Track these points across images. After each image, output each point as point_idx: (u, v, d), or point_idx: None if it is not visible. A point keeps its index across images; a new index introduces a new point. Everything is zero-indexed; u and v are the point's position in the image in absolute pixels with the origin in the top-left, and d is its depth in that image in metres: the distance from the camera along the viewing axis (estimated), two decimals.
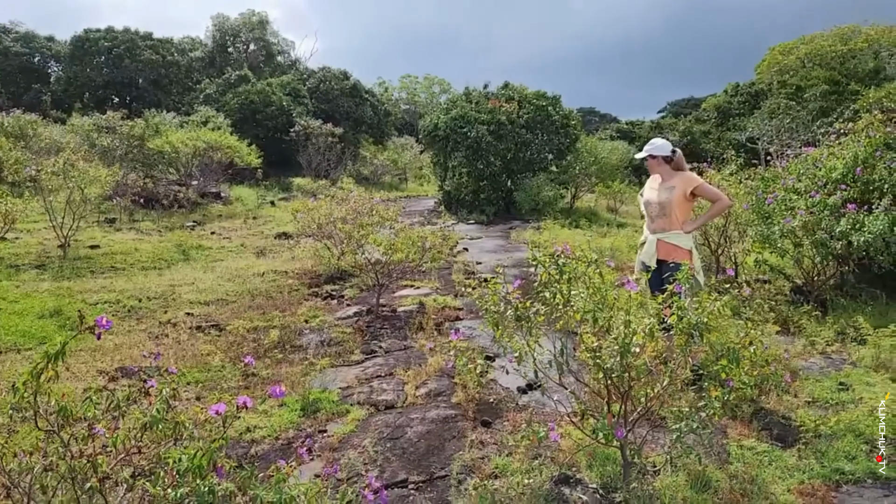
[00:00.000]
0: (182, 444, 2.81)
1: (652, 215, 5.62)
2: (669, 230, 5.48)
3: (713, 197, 5.54)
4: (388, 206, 10.10)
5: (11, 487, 2.48)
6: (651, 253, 5.52)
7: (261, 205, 18.30)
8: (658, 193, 5.58)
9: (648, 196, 5.68)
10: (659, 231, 5.53)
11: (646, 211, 5.74)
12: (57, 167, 10.87)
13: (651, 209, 5.63)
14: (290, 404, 5.15)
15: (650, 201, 5.63)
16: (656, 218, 5.57)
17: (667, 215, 5.50)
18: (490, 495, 3.72)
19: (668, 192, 5.51)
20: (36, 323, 7.09)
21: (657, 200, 5.56)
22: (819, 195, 7.08)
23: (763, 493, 3.79)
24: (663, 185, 5.59)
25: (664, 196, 5.51)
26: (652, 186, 5.73)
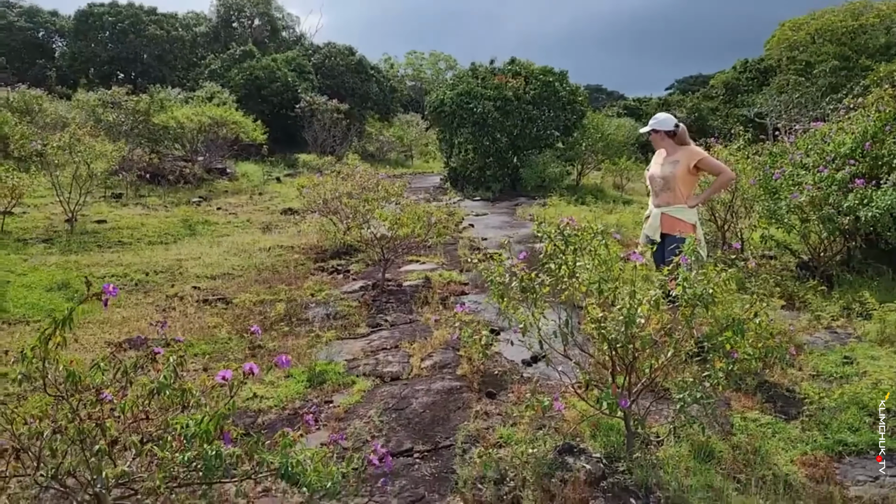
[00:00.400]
0: (189, 411, 2.84)
1: (656, 189, 5.62)
2: (673, 204, 5.48)
3: (717, 170, 5.53)
4: (393, 181, 10.08)
5: (21, 451, 2.52)
6: (655, 227, 5.52)
7: (266, 181, 18.29)
8: (662, 167, 5.57)
9: (653, 170, 5.68)
10: (663, 205, 5.53)
11: (650, 185, 5.74)
12: (63, 142, 10.87)
13: (655, 183, 5.62)
14: (297, 376, 5.19)
15: (654, 175, 5.63)
16: (660, 192, 5.57)
17: (671, 189, 5.49)
18: (494, 464, 3.76)
19: (672, 165, 5.50)
20: (44, 296, 7.14)
21: (661, 174, 5.55)
22: (827, 170, 7.03)
23: (766, 464, 3.82)
24: (667, 159, 5.59)
25: (668, 170, 5.51)
26: (656, 161, 5.74)
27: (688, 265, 3.65)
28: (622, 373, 3.83)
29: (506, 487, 3.63)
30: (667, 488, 3.54)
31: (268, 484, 3.68)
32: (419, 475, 3.83)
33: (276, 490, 3.66)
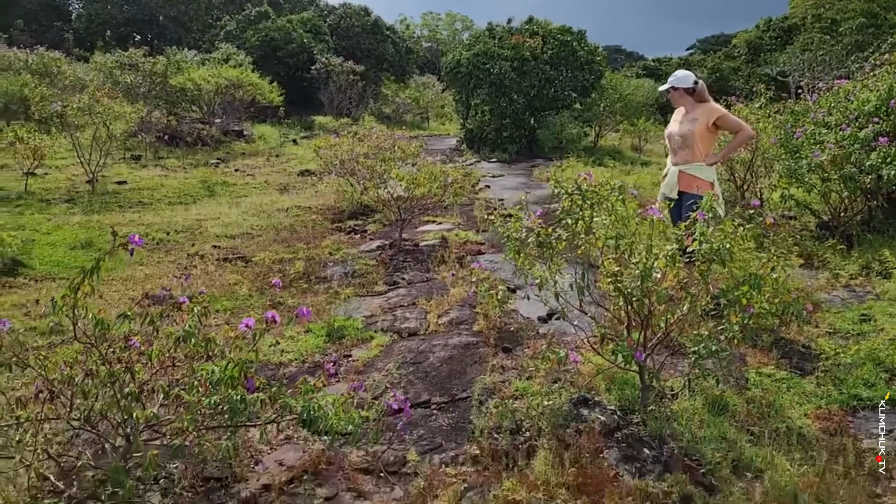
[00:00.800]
0: (214, 360, 2.92)
1: (674, 147, 5.60)
2: (692, 162, 5.46)
3: (736, 128, 5.49)
4: (409, 142, 10.07)
5: (55, 394, 2.61)
6: (672, 184, 5.51)
7: (283, 143, 18.31)
8: (680, 125, 5.54)
9: (672, 128, 5.64)
10: (681, 163, 5.51)
11: (668, 143, 5.72)
12: (82, 103, 10.93)
13: (673, 141, 5.59)
14: (316, 331, 5.28)
15: (672, 133, 5.60)
16: (678, 150, 5.54)
17: (689, 147, 5.46)
18: (510, 414, 3.83)
19: (691, 123, 5.47)
20: (68, 253, 7.27)
21: (679, 132, 5.52)
22: (850, 129, 6.92)
23: (780, 417, 3.86)
24: (686, 116, 5.55)
25: (686, 128, 5.48)
26: (675, 119, 5.70)
27: (705, 221, 3.65)
28: (637, 328, 3.86)
29: (521, 437, 3.70)
30: (680, 439, 3.60)
31: (290, 431, 3.79)
32: (436, 425, 3.92)
33: (297, 437, 3.77)
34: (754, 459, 3.44)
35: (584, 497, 3.13)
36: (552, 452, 3.45)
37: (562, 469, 3.31)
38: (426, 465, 3.47)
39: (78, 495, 2.70)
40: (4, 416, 2.58)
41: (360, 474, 3.43)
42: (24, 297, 5.99)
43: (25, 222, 8.33)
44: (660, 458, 3.49)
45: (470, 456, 3.54)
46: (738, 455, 3.48)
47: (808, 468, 3.36)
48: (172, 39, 33.16)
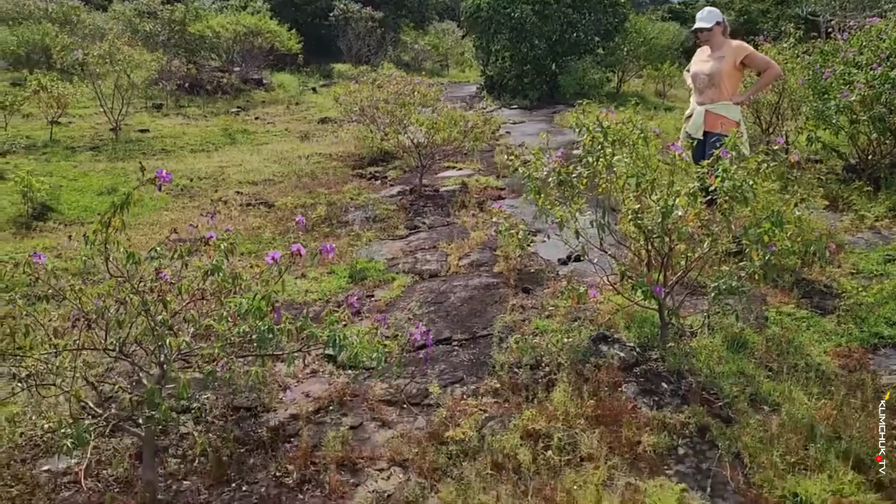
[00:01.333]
0: (241, 295, 2.99)
1: (700, 87, 5.50)
2: (718, 101, 5.38)
3: (764, 66, 5.40)
4: (429, 87, 9.98)
5: (91, 323, 2.71)
6: (698, 124, 5.44)
7: (302, 91, 18.20)
8: (707, 64, 5.45)
9: (697, 68, 5.54)
10: (707, 102, 5.43)
11: (693, 83, 5.62)
12: (103, 51, 10.93)
13: (699, 81, 5.49)
14: (339, 272, 5.36)
15: (699, 72, 5.50)
16: (704, 89, 5.46)
17: (716, 86, 5.39)
18: (530, 350, 3.90)
19: (718, 61, 5.38)
20: (95, 199, 7.39)
21: (706, 71, 5.43)
22: (881, 68, 6.74)
23: (799, 354, 3.89)
24: (712, 55, 5.46)
25: (713, 66, 5.39)
26: (700, 58, 5.60)
27: (728, 159, 3.62)
28: (657, 267, 3.89)
29: (541, 372, 3.78)
30: (698, 374, 3.66)
31: (315, 366, 3.90)
32: (458, 361, 4.01)
33: (323, 371, 3.88)
34: (772, 393, 3.49)
35: (602, 427, 3.21)
36: (571, 386, 3.53)
37: (580, 401, 3.39)
38: (448, 396, 3.57)
39: (115, 418, 2.83)
40: (44, 345, 2.69)
41: (383, 405, 3.54)
42: (54, 240, 6.14)
43: (52, 169, 8.45)
44: (678, 391, 3.55)
45: (490, 389, 3.63)
46: (756, 389, 3.53)
47: (826, 402, 3.40)
48: None
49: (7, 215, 6.61)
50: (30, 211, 6.67)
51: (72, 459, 3.05)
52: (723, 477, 2.92)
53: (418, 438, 3.21)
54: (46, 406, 3.27)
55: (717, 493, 2.82)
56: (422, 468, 2.98)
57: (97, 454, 3.12)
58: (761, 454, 3.01)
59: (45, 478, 2.99)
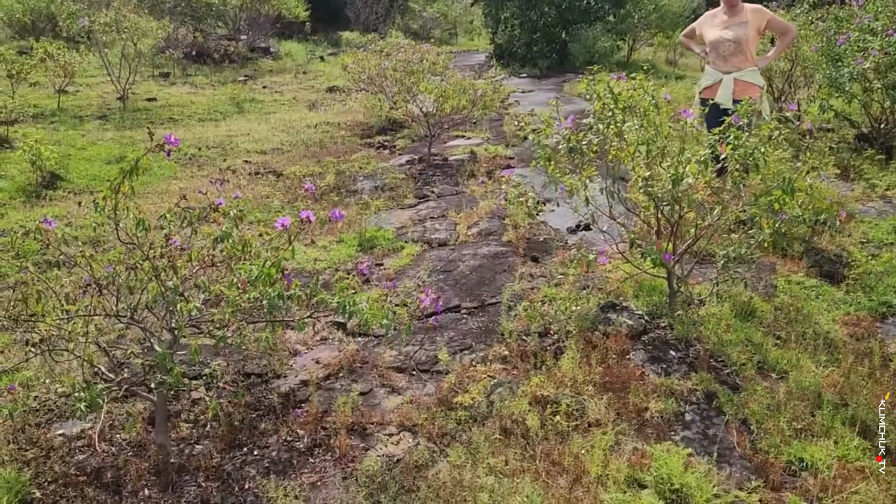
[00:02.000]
0: (250, 261, 3.00)
1: (724, 54, 5.35)
2: (744, 68, 5.28)
3: (784, 29, 5.35)
4: (438, 54, 9.88)
5: (102, 288, 2.73)
6: (728, 94, 5.31)
7: (310, 60, 18.06)
8: (731, 30, 5.30)
9: (719, 34, 5.36)
10: (734, 70, 5.32)
11: (715, 50, 5.44)
12: (109, 19, 10.87)
13: (724, 48, 5.34)
14: (348, 241, 5.37)
15: (722, 39, 5.33)
16: (730, 56, 5.32)
17: (742, 52, 5.28)
18: (539, 317, 3.91)
19: (741, 27, 5.26)
20: (104, 168, 7.40)
21: (732, 37, 5.29)
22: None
23: (807, 322, 3.89)
24: (732, 20, 5.32)
25: (739, 32, 5.26)
26: (716, 23, 5.44)
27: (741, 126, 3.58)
28: (667, 235, 3.87)
29: (549, 339, 3.80)
30: (706, 342, 3.66)
31: (325, 333, 3.92)
32: (466, 328, 4.02)
33: (332, 339, 3.91)
34: (780, 361, 3.50)
35: (610, 393, 3.23)
36: (579, 353, 3.54)
37: (588, 368, 3.41)
38: (456, 363, 3.59)
39: (128, 382, 2.86)
40: (56, 311, 2.71)
41: (393, 372, 3.57)
42: (64, 209, 6.16)
43: (61, 138, 8.45)
44: (685, 359, 3.57)
45: (499, 356, 3.65)
46: (764, 357, 3.54)
47: (833, 370, 3.41)
48: None
49: (16, 184, 6.63)
50: (39, 179, 6.68)
51: (85, 423, 3.10)
52: (729, 443, 2.94)
53: (427, 404, 3.24)
54: (59, 371, 3.31)
55: (723, 458, 2.84)
56: (431, 433, 3.02)
57: (110, 418, 3.16)
58: (768, 420, 3.03)
59: (59, 441, 3.04)
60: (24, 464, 2.86)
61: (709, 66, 5.56)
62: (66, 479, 2.78)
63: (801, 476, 2.74)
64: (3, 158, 7.31)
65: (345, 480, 2.78)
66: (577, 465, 2.74)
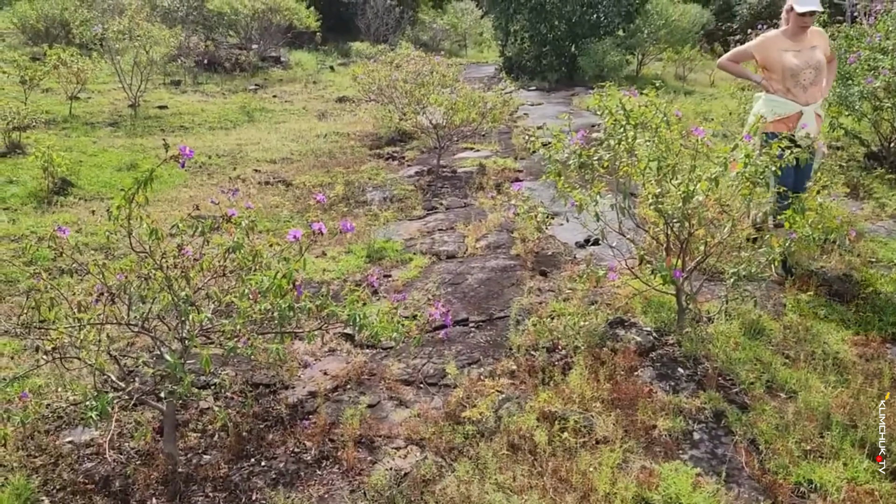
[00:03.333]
0: (261, 272, 3.02)
1: (805, 83, 4.64)
2: (820, 99, 4.73)
3: (832, 55, 4.93)
4: (448, 66, 9.92)
5: (114, 297, 2.74)
6: (812, 128, 4.64)
7: (320, 70, 18.17)
8: (808, 56, 4.64)
9: (799, 60, 4.62)
10: (812, 102, 4.68)
11: (793, 79, 4.65)
12: (122, 26, 10.97)
13: (804, 76, 4.63)
14: (357, 252, 5.39)
15: (806, 65, 4.61)
16: (809, 86, 4.65)
17: (820, 81, 4.71)
18: (548, 333, 3.91)
19: (816, 52, 4.66)
20: (115, 175, 7.45)
21: (814, 64, 4.63)
22: None
23: (816, 342, 3.88)
24: (805, 45, 4.67)
25: (817, 58, 4.65)
26: (785, 49, 4.66)
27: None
28: (676, 252, 3.87)
29: (557, 355, 3.80)
30: (715, 360, 3.66)
31: (333, 344, 3.93)
32: (475, 342, 4.03)
33: (340, 350, 3.91)
34: (788, 380, 3.49)
35: (618, 410, 3.22)
36: (588, 369, 3.54)
37: (597, 384, 3.40)
38: (464, 377, 3.59)
39: (139, 392, 2.87)
40: (68, 319, 2.73)
41: (401, 385, 3.57)
42: (75, 215, 6.20)
43: (72, 144, 8.51)
44: (694, 376, 3.56)
45: (507, 370, 3.65)
46: (773, 376, 3.53)
47: (842, 390, 3.39)
48: None
49: (28, 190, 6.68)
50: (50, 185, 6.73)
51: (95, 431, 3.11)
52: (738, 462, 2.93)
53: (435, 418, 3.24)
54: (70, 378, 3.32)
55: (731, 478, 2.83)
56: (438, 447, 3.02)
57: (119, 427, 3.17)
58: (777, 441, 3.02)
59: (68, 448, 3.05)
60: (33, 471, 2.87)
61: (777, 95, 4.75)
62: (75, 487, 2.79)
63: (810, 498, 2.73)
64: (16, 164, 7.37)
65: (352, 494, 2.78)
66: (585, 483, 2.73)
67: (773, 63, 4.74)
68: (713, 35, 23.28)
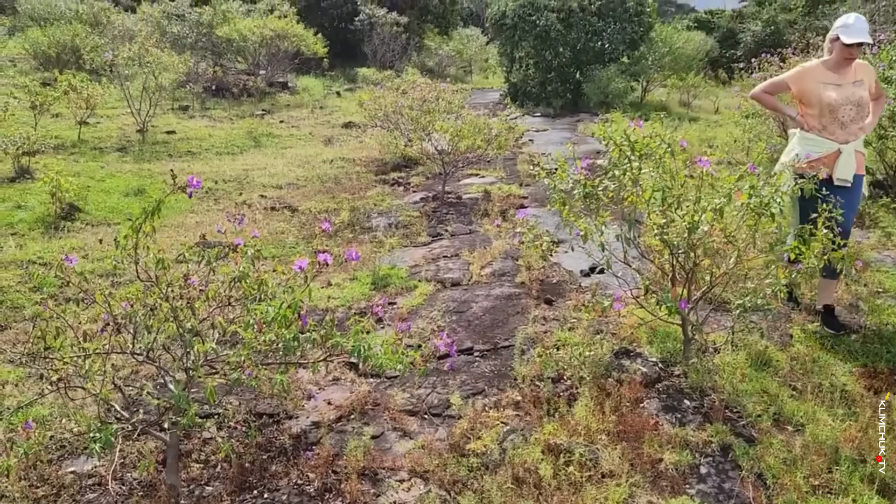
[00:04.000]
0: (267, 302, 3.02)
1: (844, 120, 4.31)
2: (861, 137, 4.39)
3: (880, 92, 4.58)
4: (454, 92, 10.00)
5: (120, 327, 2.75)
6: (851, 169, 4.35)
7: (327, 95, 18.34)
8: (849, 91, 4.29)
9: (839, 95, 4.27)
10: (852, 139, 4.35)
11: (832, 115, 4.31)
12: (132, 53, 11.11)
13: (845, 112, 4.29)
14: (362, 279, 5.39)
15: (846, 101, 4.28)
16: (850, 123, 4.32)
17: (862, 118, 4.36)
18: (553, 363, 3.90)
19: (861, 88, 4.33)
20: (122, 200, 7.50)
21: (856, 101, 4.30)
22: None
23: (823, 374, 3.85)
24: (847, 79, 4.32)
25: (860, 94, 4.32)
26: (825, 82, 4.32)
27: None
28: (682, 282, 3.86)
29: (563, 385, 3.78)
30: (721, 392, 3.63)
31: (337, 373, 3.92)
32: (479, 372, 4.01)
33: (344, 379, 3.90)
34: (796, 413, 3.46)
35: (624, 443, 3.19)
36: (593, 400, 3.52)
37: (602, 416, 3.38)
38: (469, 408, 3.57)
39: (142, 422, 2.86)
40: (73, 348, 2.73)
41: (405, 415, 3.55)
42: (82, 240, 6.22)
43: (80, 169, 8.58)
44: (700, 408, 3.53)
45: (512, 401, 3.63)
46: (780, 409, 3.50)
47: (851, 423, 3.36)
48: None
49: (36, 215, 6.72)
50: (58, 211, 6.77)
51: (97, 461, 3.10)
52: (745, 498, 2.89)
53: (439, 450, 3.21)
54: (73, 407, 3.32)
55: None
56: (442, 480, 2.99)
57: (122, 456, 3.16)
58: (784, 475, 2.98)
59: (71, 479, 3.03)
60: (35, 502, 2.86)
61: (813, 133, 4.42)
62: None
63: None
64: (25, 189, 7.43)
65: None
66: None
67: (809, 96, 4.39)
68: (717, 62, 23.45)
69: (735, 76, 12.27)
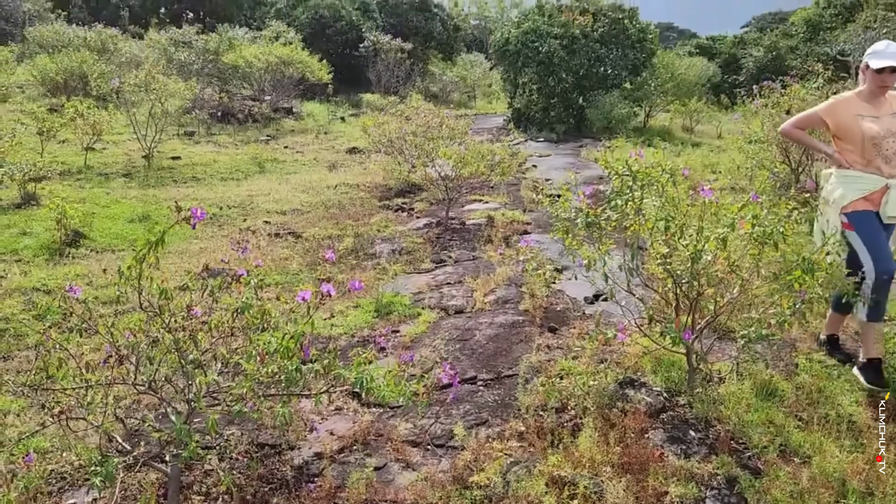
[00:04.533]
0: (269, 332, 3.02)
1: (888, 154, 4.00)
2: None
3: None
4: (457, 120, 10.07)
5: (123, 358, 2.74)
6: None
7: (331, 120, 18.48)
8: (892, 122, 4.03)
9: (879, 127, 4.00)
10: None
11: (875, 148, 4.02)
12: (139, 80, 11.23)
13: (888, 145, 3.99)
14: (365, 306, 5.38)
15: (888, 133, 3.99)
16: (893, 157, 4.02)
17: None
18: (556, 393, 3.87)
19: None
20: (127, 226, 7.53)
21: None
22: None
23: (830, 404, 3.82)
24: (884, 111, 4.06)
25: None
26: (861, 114, 4.06)
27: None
28: (686, 311, 3.85)
29: (567, 416, 3.75)
30: (727, 422, 3.60)
31: (339, 403, 3.90)
32: (483, 401, 3.98)
33: (347, 409, 3.88)
34: (802, 444, 3.42)
35: (629, 475, 3.16)
36: (597, 431, 3.49)
37: (607, 447, 3.35)
38: (472, 439, 3.54)
39: (144, 455, 2.85)
40: (75, 379, 2.72)
41: (408, 446, 3.52)
42: (86, 267, 6.24)
43: (86, 196, 8.63)
44: (705, 440, 3.50)
45: (515, 432, 3.60)
46: (786, 440, 3.46)
47: (858, 455, 3.32)
48: (224, 17, 33.59)
49: (41, 241, 6.75)
50: (63, 237, 6.80)
51: (98, 494, 3.07)
52: None
53: (442, 482, 3.18)
54: (74, 438, 3.30)
55: None
56: None
57: (123, 488, 3.13)
58: None
59: None
60: None
61: (854, 170, 4.11)
62: None
63: None
64: (30, 216, 7.47)
65: None
66: None
67: (847, 131, 4.10)
68: (719, 87, 23.61)
69: (737, 101, 12.34)
